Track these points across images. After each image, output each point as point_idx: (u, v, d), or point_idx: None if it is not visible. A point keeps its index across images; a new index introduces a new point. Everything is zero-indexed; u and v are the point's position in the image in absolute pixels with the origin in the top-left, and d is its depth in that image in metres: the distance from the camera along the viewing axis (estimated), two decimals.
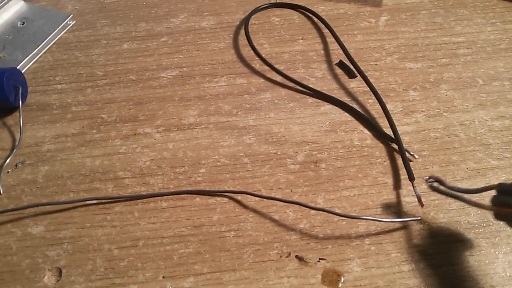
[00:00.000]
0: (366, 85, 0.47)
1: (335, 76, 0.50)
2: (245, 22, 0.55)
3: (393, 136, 0.43)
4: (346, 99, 0.48)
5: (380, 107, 0.45)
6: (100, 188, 0.42)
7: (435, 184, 0.38)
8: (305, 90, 0.49)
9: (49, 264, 0.38)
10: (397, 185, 0.41)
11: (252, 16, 0.57)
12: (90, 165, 0.44)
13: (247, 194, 0.40)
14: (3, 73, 0.47)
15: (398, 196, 0.40)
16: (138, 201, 0.41)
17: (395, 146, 0.44)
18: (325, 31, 0.55)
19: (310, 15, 0.57)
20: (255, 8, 0.57)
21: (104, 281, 0.37)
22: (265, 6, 0.58)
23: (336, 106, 0.47)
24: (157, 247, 0.38)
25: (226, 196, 0.41)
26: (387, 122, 0.44)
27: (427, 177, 0.39)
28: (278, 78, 0.50)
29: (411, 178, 0.39)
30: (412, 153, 0.43)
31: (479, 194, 0.35)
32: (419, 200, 0.38)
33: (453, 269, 0.36)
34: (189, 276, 0.37)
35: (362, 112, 0.46)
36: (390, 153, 0.43)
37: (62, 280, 0.37)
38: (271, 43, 0.54)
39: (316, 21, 0.57)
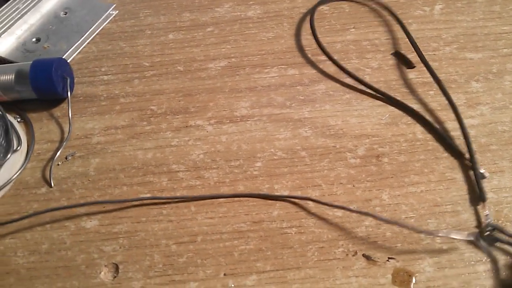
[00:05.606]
0: (425, 76, 0.45)
1: (392, 67, 0.48)
2: (311, 13, 0.53)
3: (463, 151, 0.41)
4: (405, 91, 0.46)
5: (443, 99, 0.43)
6: (154, 182, 0.41)
7: (494, 232, 0.35)
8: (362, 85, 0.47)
9: (105, 260, 0.37)
10: (467, 181, 0.39)
11: (300, 5, 0.56)
12: (142, 157, 0.43)
13: (311, 200, 0.38)
14: (51, 63, 0.46)
15: (468, 192, 0.38)
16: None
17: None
18: (378, 19, 0.53)
19: (362, 4, 0.55)
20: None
21: (163, 278, 0.35)
22: None
23: (397, 108, 0.45)
24: (216, 243, 0.37)
25: (289, 201, 0.39)
26: (450, 115, 0.42)
27: (484, 226, 0.35)
28: (332, 69, 0.48)
29: (483, 199, 0.37)
30: (482, 172, 0.39)
31: None
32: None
33: None
34: (252, 273, 0.35)
35: (434, 123, 0.44)
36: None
37: (119, 277, 0.36)
38: (322, 32, 0.52)
39: (367, 10, 0.54)
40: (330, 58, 0.48)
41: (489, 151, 0.41)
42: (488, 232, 0.35)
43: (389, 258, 0.35)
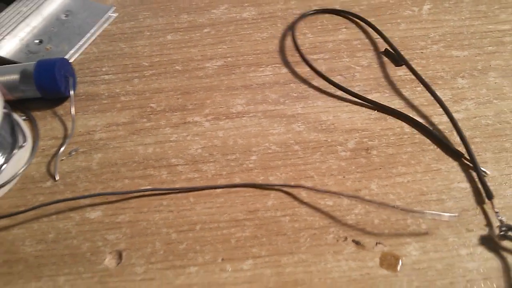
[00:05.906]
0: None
1: (381, 65, 0.50)
2: (292, 29, 0.55)
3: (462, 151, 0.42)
4: (393, 87, 0.48)
5: (429, 94, 0.45)
6: (154, 175, 0.43)
7: (509, 233, 0.36)
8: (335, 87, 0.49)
9: (109, 247, 0.39)
10: (451, 171, 0.41)
11: (294, 7, 0.58)
12: (143, 152, 0.45)
13: (303, 188, 0.40)
14: (54, 63, 0.48)
15: (452, 182, 0.40)
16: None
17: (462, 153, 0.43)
18: (370, 19, 0.55)
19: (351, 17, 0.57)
20: (302, 14, 0.57)
21: (164, 263, 0.37)
22: (311, 12, 0.57)
23: (384, 113, 0.47)
24: (214, 231, 0.39)
25: (281, 191, 0.41)
26: (437, 109, 0.44)
27: (499, 225, 0.37)
28: (324, 67, 0.50)
29: (490, 197, 0.38)
30: (483, 169, 0.41)
31: None
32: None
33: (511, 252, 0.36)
34: (248, 258, 0.37)
35: (425, 124, 0.45)
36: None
37: (122, 263, 0.38)
38: (314, 32, 0.55)
39: (358, 10, 0.57)
40: (305, 60, 0.50)
41: (473, 143, 0.43)
42: (502, 232, 0.36)
43: (377, 243, 0.37)
